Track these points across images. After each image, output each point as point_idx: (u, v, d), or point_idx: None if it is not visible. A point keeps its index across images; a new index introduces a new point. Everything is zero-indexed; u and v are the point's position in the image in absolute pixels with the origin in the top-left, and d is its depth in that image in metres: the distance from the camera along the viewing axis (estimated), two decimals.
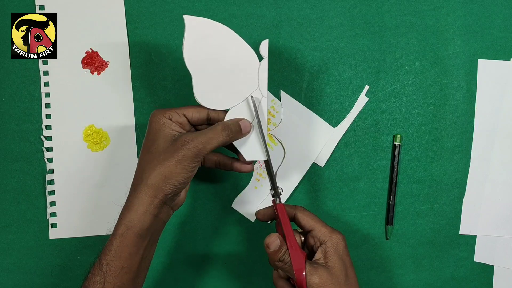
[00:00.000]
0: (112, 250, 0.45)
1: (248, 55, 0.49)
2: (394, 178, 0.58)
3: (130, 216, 0.45)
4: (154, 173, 0.45)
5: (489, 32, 0.59)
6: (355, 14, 0.59)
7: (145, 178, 0.46)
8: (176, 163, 0.45)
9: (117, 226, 0.46)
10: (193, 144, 0.45)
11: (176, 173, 0.45)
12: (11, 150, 0.58)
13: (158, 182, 0.45)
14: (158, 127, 0.47)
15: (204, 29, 0.47)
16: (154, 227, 0.46)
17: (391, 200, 0.58)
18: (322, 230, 0.47)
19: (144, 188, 0.46)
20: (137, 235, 0.45)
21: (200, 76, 0.48)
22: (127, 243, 0.45)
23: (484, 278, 0.60)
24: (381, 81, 0.59)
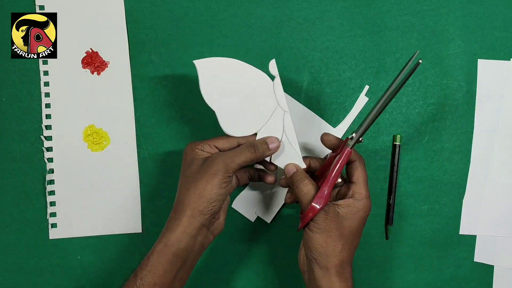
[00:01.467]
0: (148, 265, 0.47)
1: (260, 78, 0.51)
2: (394, 178, 0.58)
3: (169, 235, 0.47)
4: (189, 193, 0.48)
5: (489, 32, 0.59)
6: (355, 14, 0.59)
7: (183, 199, 0.48)
8: (207, 180, 0.47)
9: (156, 244, 0.48)
10: (221, 159, 0.48)
11: (208, 190, 0.47)
12: (11, 150, 0.58)
13: (194, 201, 0.47)
14: (192, 156, 0.49)
15: (214, 67, 0.50)
16: (191, 248, 0.48)
17: (391, 200, 0.58)
18: (361, 190, 0.48)
19: (182, 209, 0.48)
20: (174, 254, 0.47)
21: (223, 110, 0.50)
22: (162, 260, 0.47)
23: (484, 278, 0.60)
24: (381, 81, 0.59)
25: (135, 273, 0.47)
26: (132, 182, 0.58)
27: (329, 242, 0.46)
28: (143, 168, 0.59)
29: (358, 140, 0.49)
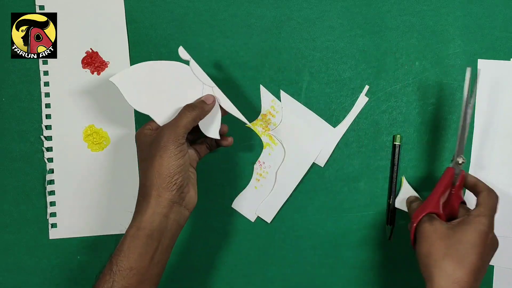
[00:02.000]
0: (122, 250, 0.46)
1: (176, 68, 0.52)
2: (394, 178, 0.58)
3: (139, 218, 0.46)
4: (148, 174, 0.47)
5: (489, 32, 0.59)
6: (355, 14, 0.59)
7: (145, 181, 0.47)
8: (161, 155, 0.47)
9: (128, 228, 0.47)
10: (166, 129, 0.48)
11: (165, 164, 0.46)
12: (11, 150, 0.58)
13: (155, 180, 0.46)
14: (142, 139, 0.50)
15: (131, 77, 0.51)
16: (164, 227, 0.47)
17: (391, 200, 0.58)
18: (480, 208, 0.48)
19: (146, 191, 0.47)
20: (147, 236, 0.46)
21: (158, 111, 0.51)
22: (136, 244, 0.46)
23: (484, 278, 0.59)
24: (381, 81, 0.59)
25: (110, 259, 0.46)
26: (132, 182, 0.58)
27: (432, 251, 0.46)
28: None
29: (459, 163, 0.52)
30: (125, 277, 0.45)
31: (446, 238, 0.46)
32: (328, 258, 0.59)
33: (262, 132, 0.59)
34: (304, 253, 0.59)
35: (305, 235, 0.59)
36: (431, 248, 0.46)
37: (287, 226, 0.59)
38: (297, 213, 0.59)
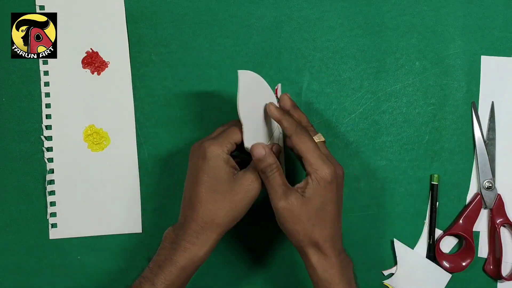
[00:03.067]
0: (169, 279, 0.46)
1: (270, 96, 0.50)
2: (434, 218, 0.58)
3: (197, 251, 0.46)
4: (224, 214, 0.47)
5: (489, 32, 0.59)
6: (355, 14, 0.59)
7: (216, 219, 0.47)
8: (246, 206, 0.47)
9: (179, 257, 0.46)
10: (258, 183, 0.47)
11: (243, 213, 0.48)
12: (11, 150, 0.58)
13: (228, 222, 0.47)
14: (219, 164, 0.46)
15: (250, 81, 0.49)
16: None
17: (431, 240, 0.59)
18: (310, 162, 0.45)
19: (214, 227, 0.47)
20: (197, 267, 0.47)
21: (249, 124, 0.48)
22: (186, 275, 0.47)
23: (486, 277, 0.60)
24: (381, 81, 0.59)
25: (152, 282, 0.46)
26: (132, 182, 0.58)
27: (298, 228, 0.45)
28: (143, 168, 0.59)
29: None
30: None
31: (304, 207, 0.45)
32: None
33: None
34: None
35: None
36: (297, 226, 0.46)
37: None
38: None
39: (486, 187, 0.58)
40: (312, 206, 0.45)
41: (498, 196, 0.58)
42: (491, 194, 0.58)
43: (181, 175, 0.58)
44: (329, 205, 0.46)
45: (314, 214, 0.45)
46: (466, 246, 0.58)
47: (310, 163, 0.45)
